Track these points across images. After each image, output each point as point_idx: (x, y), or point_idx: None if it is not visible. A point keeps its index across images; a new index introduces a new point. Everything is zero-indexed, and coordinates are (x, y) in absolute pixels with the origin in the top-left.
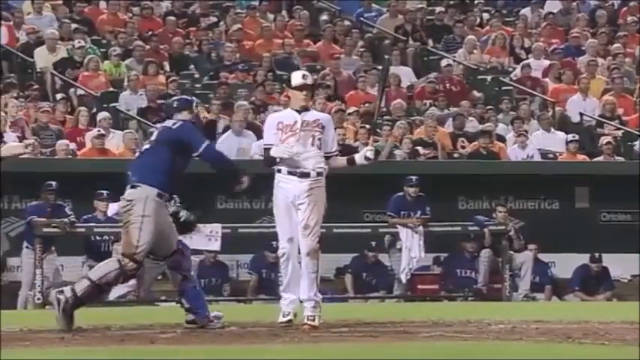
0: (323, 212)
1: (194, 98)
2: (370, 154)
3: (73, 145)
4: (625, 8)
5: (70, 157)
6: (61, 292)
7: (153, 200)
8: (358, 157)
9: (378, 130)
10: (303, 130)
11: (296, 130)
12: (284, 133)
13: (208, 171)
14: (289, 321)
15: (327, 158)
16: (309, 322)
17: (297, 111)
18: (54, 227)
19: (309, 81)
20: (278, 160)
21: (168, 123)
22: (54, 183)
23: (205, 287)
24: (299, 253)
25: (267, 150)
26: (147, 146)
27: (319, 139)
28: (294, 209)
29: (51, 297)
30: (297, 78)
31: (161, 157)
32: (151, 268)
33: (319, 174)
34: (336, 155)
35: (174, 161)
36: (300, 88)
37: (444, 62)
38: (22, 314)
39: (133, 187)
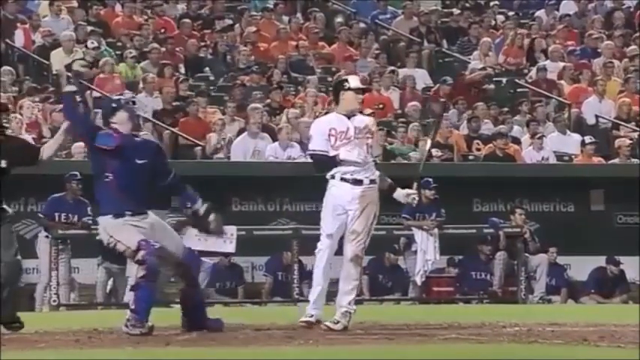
0: (373, 221)
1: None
2: (411, 200)
3: None
4: None
5: (86, 159)
6: None
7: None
8: (397, 195)
9: (394, 133)
10: (357, 137)
11: (350, 137)
12: (338, 140)
13: (223, 174)
14: (309, 322)
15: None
16: (329, 325)
17: (345, 115)
18: (71, 225)
19: (365, 85)
20: (338, 164)
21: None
22: (78, 173)
23: (220, 290)
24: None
25: (317, 156)
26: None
27: (371, 146)
28: (343, 213)
29: None
30: (355, 81)
31: None
32: (165, 270)
33: (372, 181)
34: (375, 161)
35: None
36: (357, 91)
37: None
38: (38, 316)
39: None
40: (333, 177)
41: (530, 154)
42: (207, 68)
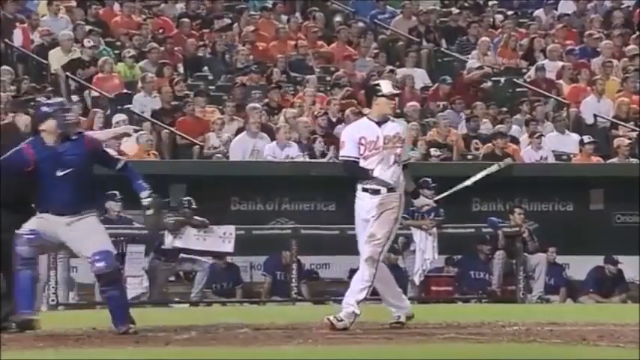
0: (393, 226)
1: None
2: (425, 208)
3: None
4: (639, 10)
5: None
6: None
7: None
8: (417, 201)
9: None
10: (385, 147)
11: (379, 147)
12: (367, 150)
13: (223, 173)
14: (399, 322)
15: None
16: (332, 320)
17: (376, 123)
18: None
19: (398, 91)
20: (370, 177)
21: None
22: None
23: (217, 291)
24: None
25: (349, 163)
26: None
27: (400, 155)
28: (367, 223)
29: None
30: (387, 86)
31: None
32: (164, 270)
33: (390, 189)
34: (406, 165)
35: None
36: (390, 96)
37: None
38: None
39: None
40: (356, 188)
41: (529, 153)
42: (206, 68)
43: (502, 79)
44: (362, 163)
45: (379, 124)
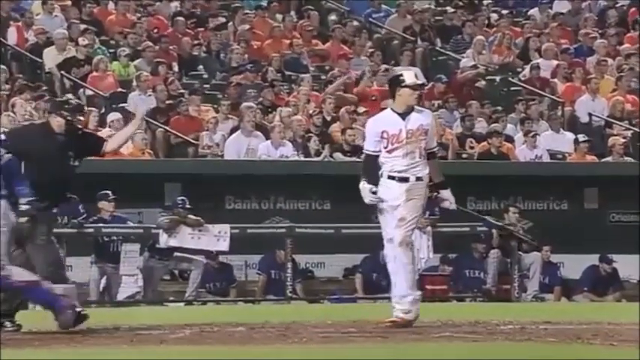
0: (420, 210)
1: None
2: (447, 206)
3: None
4: (634, 8)
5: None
6: None
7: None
8: (442, 194)
9: None
10: (409, 141)
11: (402, 140)
12: (390, 144)
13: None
14: (394, 322)
15: (428, 155)
16: (403, 315)
17: (400, 114)
18: (65, 225)
19: (422, 81)
20: (381, 167)
21: None
22: None
23: (211, 291)
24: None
25: (368, 157)
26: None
27: (424, 147)
28: (395, 211)
29: None
30: (410, 77)
31: None
32: (158, 269)
33: (418, 178)
34: (434, 153)
35: None
36: (413, 87)
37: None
38: (31, 314)
39: None
40: (381, 175)
41: (524, 152)
42: (200, 66)
43: (497, 78)
44: (387, 157)
45: (403, 116)
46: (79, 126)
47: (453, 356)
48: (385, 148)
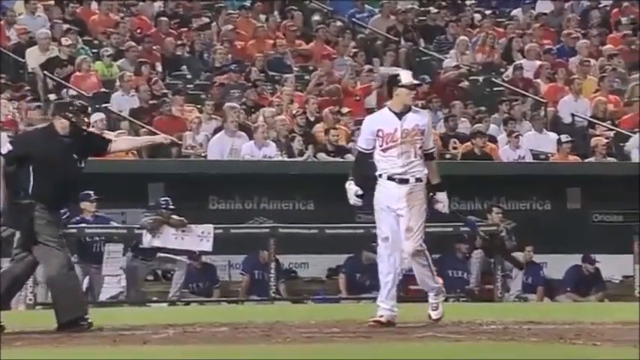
0: (424, 215)
1: None
2: (440, 208)
3: None
4: (617, 9)
5: None
6: None
7: None
8: (437, 196)
9: None
10: (404, 141)
11: (397, 140)
12: (385, 143)
13: (201, 171)
14: (379, 322)
15: (425, 156)
16: (431, 312)
17: (396, 114)
18: None
19: (417, 81)
20: (378, 168)
21: None
22: None
23: (194, 291)
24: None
25: (361, 154)
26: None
27: (420, 147)
28: (393, 212)
29: None
30: (407, 77)
31: None
32: (142, 269)
33: (418, 180)
34: (432, 154)
35: None
36: (409, 87)
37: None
38: (14, 315)
39: None
40: (380, 176)
41: (507, 152)
42: (184, 67)
43: (480, 79)
44: (381, 155)
45: (400, 115)
46: (84, 127)
47: (436, 356)
48: (380, 146)
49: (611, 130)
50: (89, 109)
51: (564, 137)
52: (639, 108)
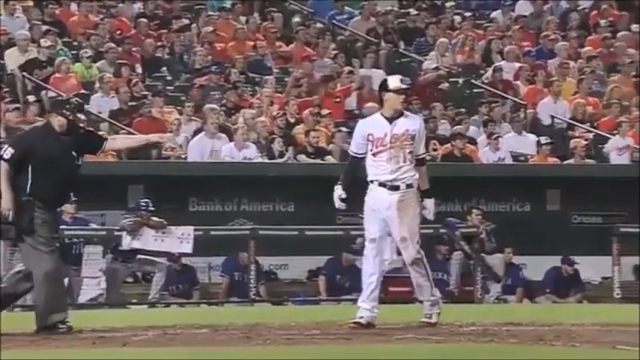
0: (417, 220)
1: None
2: (428, 215)
3: None
4: (595, 11)
5: None
6: None
7: None
8: (427, 202)
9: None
10: (393, 146)
11: (386, 144)
12: (375, 147)
13: (181, 173)
14: (359, 324)
15: (416, 161)
16: (426, 320)
17: (387, 119)
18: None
19: (407, 85)
20: (369, 175)
21: None
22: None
23: (174, 293)
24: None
25: (353, 159)
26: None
27: (410, 152)
28: (382, 216)
29: None
30: (395, 81)
31: None
32: (121, 271)
33: (409, 186)
34: (422, 159)
35: None
36: (398, 91)
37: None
38: None
39: None
40: (371, 182)
41: (487, 154)
42: (164, 68)
43: (460, 80)
44: (372, 160)
45: (391, 120)
46: (81, 125)
47: (416, 357)
48: (371, 150)
49: (590, 131)
50: (85, 106)
51: (544, 139)
52: (618, 110)
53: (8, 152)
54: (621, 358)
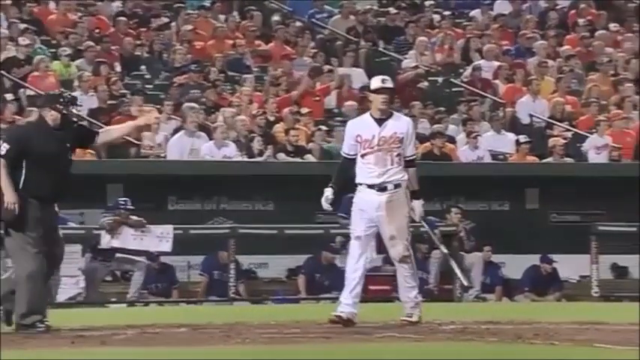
0: (406, 218)
1: None
2: (414, 216)
3: None
4: (574, 11)
5: None
6: None
7: None
8: (415, 204)
9: (333, 132)
10: (380, 148)
11: (373, 146)
12: (363, 148)
13: (160, 172)
14: (339, 317)
15: (406, 163)
16: (407, 319)
17: (376, 120)
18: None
19: (389, 85)
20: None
21: None
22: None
23: (153, 292)
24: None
25: (345, 160)
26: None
27: (398, 154)
28: (369, 216)
29: None
30: (376, 82)
31: None
32: (100, 270)
33: (397, 186)
34: (412, 161)
35: None
36: (379, 91)
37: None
38: None
39: None
40: (360, 184)
41: (466, 153)
42: (143, 67)
43: (439, 79)
44: (360, 161)
45: (380, 122)
46: (74, 119)
47: (396, 356)
48: (360, 152)
49: (569, 130)
50: (78, 100)
51: (522, 138)
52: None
53: (3, 148)
54: (599, 357)
